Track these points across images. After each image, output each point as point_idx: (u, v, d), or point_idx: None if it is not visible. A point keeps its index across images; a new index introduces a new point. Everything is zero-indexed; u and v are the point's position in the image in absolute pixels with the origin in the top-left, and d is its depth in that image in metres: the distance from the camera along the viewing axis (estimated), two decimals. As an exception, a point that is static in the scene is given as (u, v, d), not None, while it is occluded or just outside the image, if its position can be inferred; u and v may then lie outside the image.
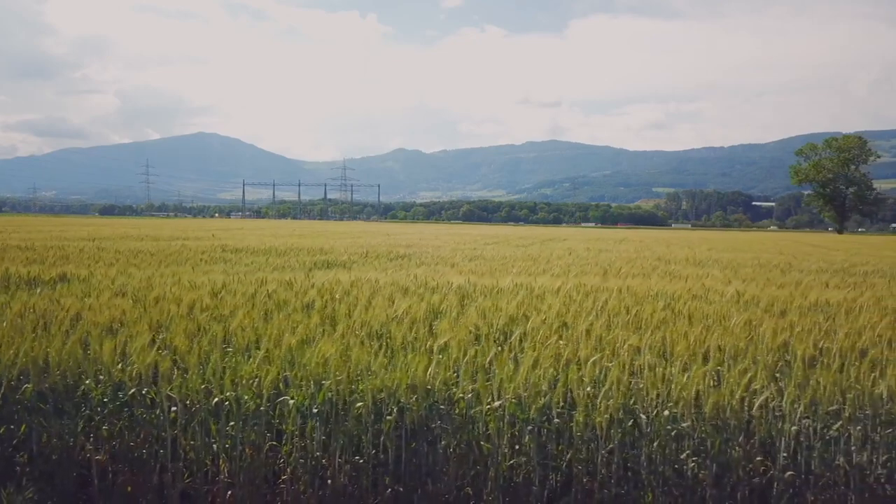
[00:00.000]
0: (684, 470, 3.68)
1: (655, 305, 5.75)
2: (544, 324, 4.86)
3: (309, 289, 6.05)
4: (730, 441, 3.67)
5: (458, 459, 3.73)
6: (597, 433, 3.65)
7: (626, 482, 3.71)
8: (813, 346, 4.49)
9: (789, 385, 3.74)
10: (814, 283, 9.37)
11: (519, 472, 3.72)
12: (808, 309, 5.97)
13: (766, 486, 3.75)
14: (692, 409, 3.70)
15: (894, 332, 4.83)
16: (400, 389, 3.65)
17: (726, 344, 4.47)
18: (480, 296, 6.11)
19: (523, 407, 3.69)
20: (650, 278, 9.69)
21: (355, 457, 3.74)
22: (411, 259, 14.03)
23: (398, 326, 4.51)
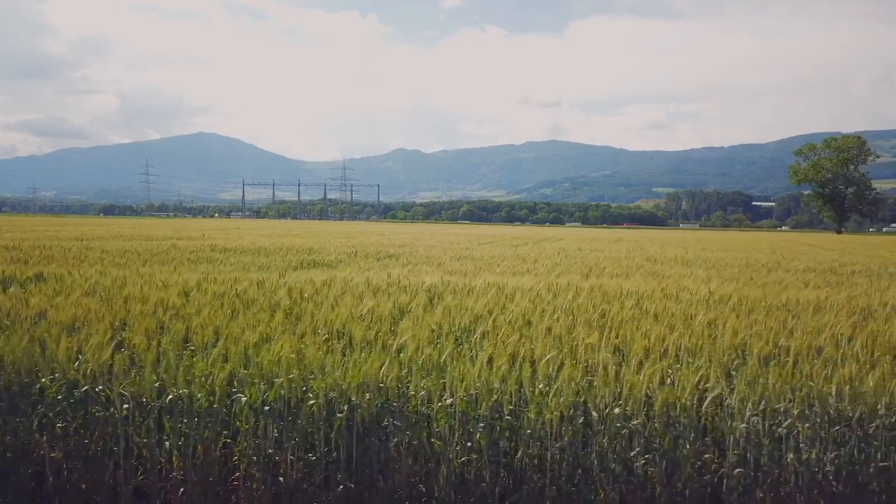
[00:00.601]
0: (634, 467, 3.71)
1: (624, 304, 5.78)
2: (508, 322, 4.89)
3: (280, 288, 6.08)
4: (680, 439, 3.69)
5: (410, 456, 3.76)
6: (547, 430, 3.67)
7: (577, 479, 3.73)
8: (772, 345, 4.52)
9: (740, 383, 3.77)
10: (794, 283, 9.39)
11: (471, 469, 3.74)
12: (776, 308, 5.99)
13: (717, 483, 3.78)
14: (643, 407, 3.73)
15: (855, 331, 4.86)
16: (350, 387, 3.67)
17: (685, 342, 4.49)
18: (451, 295, 6.14)
19: (474, 404, 3.72)
20: (631, 278, 9.72)
21: (308, 454, 3.76)
22: (398, 259, 14.05)
23: (359, 325, 4.54)
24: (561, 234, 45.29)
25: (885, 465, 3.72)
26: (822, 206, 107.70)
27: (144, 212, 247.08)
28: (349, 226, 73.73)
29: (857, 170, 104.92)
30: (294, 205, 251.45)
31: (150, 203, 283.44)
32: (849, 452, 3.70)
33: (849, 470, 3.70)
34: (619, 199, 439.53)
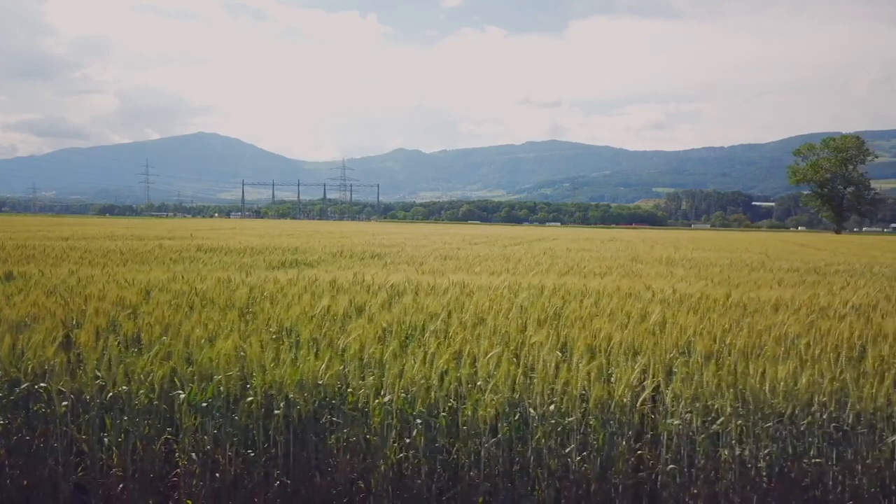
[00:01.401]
0: (570, 464, 3.74)
1: (583, 303, 5.81)
2: (460, 321, 4.92)
3: (241, 286, 6.12)
4: (615, 435, 3.73)
5: (349, 453, 3.79)
6: (481, 427, 3.71)
7: (513, 476, 3.77)
8: (718, 342, 4.55)
9: (675, 381, 3.80)
10: (768, 282, 9.43)
11: (408, 466, 3.78)
12: (735, 306, 6.02)
13: (653, 480, 3.82)
14: (579, 404, 3.76)
15: (804, 328, 4.89)
16: (287, 385, 3.71)
17: (632, 340, 4.53)
18: (413, 294, 6.17)
19: (411, 401, 3.76)
20: (606, 277, 9.74)
21: (247, 450, 3.80)
22: (382, 259, 14.09)
23: (307, 324, 4.57)
24: (556, 235, 45.33)
25: (818, 462, 3.76)
26: (820, 206, 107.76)
27: (144, 212, 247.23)
28: (346, 226, 73.79)
29: (856, 170, 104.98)
30: (294, 205, 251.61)
31: (150, 203, 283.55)
32: (782, 449, 3.73)
33: (781, 466, 3.73)
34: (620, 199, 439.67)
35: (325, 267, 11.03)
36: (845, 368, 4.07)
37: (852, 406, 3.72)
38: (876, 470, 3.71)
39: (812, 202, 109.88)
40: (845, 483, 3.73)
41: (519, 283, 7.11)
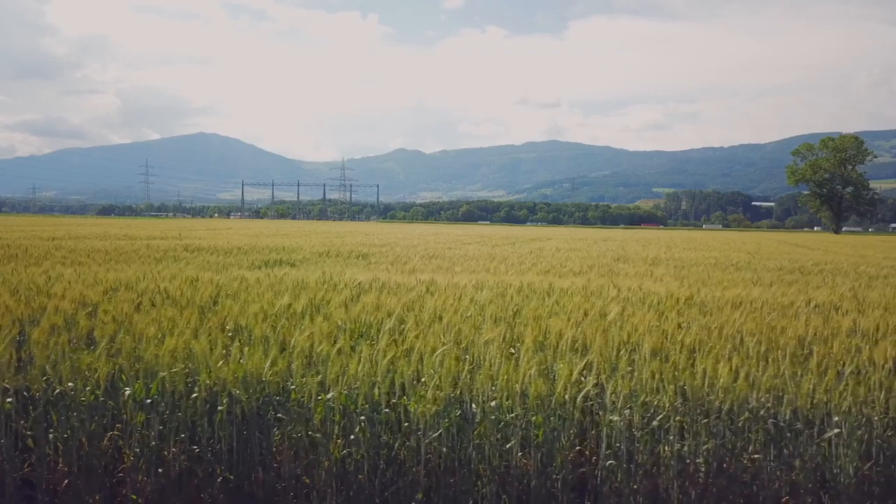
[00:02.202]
0: (510, 459, 3.78)
1: (545, 301, 5.85)
2: (416, 319, 4.96)
3: (208, 285, 6.16)
4: (555, 431, 3.77)
5: (292, 449, 3.83)
6: (421, 424, 3.75)
7: (455, 471, 3.81)
8: (670, 340, 4.59)
9: (615, 377, 3.84)
10: (743, 281, 9.47)
11: (351, 462, 3.82)
12: (696, 305, 6.07)
13: (594, 475, 3.86)
14: (520, 400, 3.80)
15: (759, 327, 4.93)
16: (230, 381, 3.75)
17: (583, 337, 4.57)
18: (377, 292, 6.21)
19: (353, 398, 3.80)
20: (581, 276, 9.79)
21: (193, 446, 3.84)
22: (367, 258, 14.13)
23: (262, 322, 4.61)
24: (552, 235, 45.38)
25: (756, 458, 3.80)
26: (819, 206, 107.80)
27: (144, 212, 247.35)
28: (344, 226, 73.82)
29: (855, 170, 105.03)
30: (293, 205, 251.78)
31: (150, 203, 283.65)
32: (721, 445, 3.77)
33: (720, 462, 3.78)
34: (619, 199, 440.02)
35: (306, 266, 11.07)
36: (789, 366, 4.12)
37: (789, 402, 3.76)
38: (814, 466, 3.76)
39: (811, 202, 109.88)
40: (783, 478, 3.77)
41: (488, 282, 7.15)
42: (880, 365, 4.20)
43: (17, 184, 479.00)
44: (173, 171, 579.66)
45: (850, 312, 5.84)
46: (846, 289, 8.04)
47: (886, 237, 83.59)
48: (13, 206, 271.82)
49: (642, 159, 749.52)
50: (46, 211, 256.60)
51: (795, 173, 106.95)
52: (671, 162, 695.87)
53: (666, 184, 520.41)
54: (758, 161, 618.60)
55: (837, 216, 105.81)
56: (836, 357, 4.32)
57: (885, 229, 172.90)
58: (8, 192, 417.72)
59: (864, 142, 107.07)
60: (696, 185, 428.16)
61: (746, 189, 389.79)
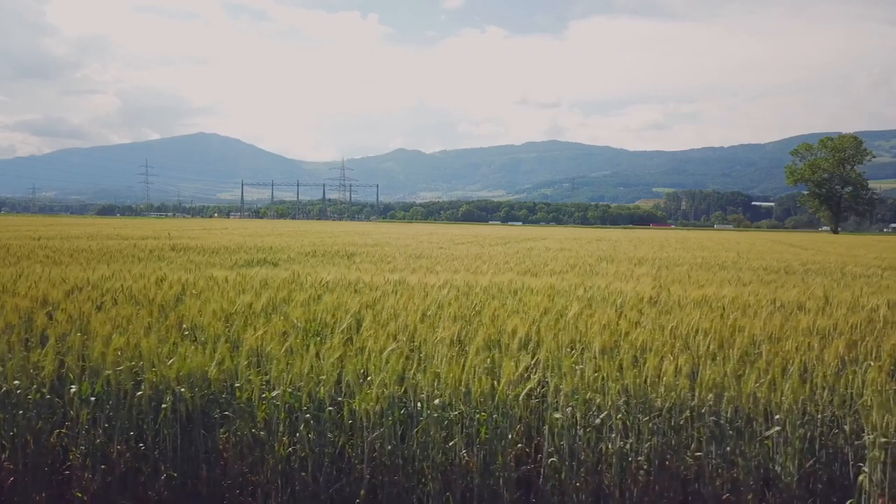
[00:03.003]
0: (454, 457, 3.80)
1: (507, 300, 5.87)
2: (374, 318, 4.98)
3: (176, 284, 6.18)
4: (499, 429, 3.79)
5: (238, 447, 3.85)
6: (363, 421, 3.76)
7: (400, 469, 3.82)
8: (623, 338, 4.61)
9: (556, 374, 3.86)
10: (719, 280, 9.48)
11: (295, 459, 3.84)
12: (657, 303, 6.09)
13: (537, 473, 3.88)
14: (463, 398, 3.82)
15: (713, 325, 4.94)
16: (172, 379, 3.77)
17: (536, 336, 4.59)
18: (342, 290, 6.23)
19: (298, 396, 3.81)
20: (562, 275, 9.82)
21: (138, 444, 3.86)
22: (353, 258, 14.14)
23: (217, 321, 4.63)
24: (548, 235, 45.38)
25: (699, 455, 3.82)
26: (818, 206, 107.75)
27: (144, 212, 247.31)
28: (341, 226, 73.82)
29: (854, 170, 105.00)
30: (293, 205, 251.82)
31: (150, 203, 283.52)
32: (663, 442, 3.79)
33: (663, 459, 3.79)
34: (619, 199, 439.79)
35: (287, 266, 11.08)
36: (737, 364, 4.14)
37: (730, 400, 3.78)
38: (756, 464, 3.77)
39: (809, 202, 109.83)
40: (725, 476, 3.79)
41: (457, 281, 7.16)
42: (829, 363, 4.22)
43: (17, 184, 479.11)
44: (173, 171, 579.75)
45: (813, 312, 5.85)
46: (819, 288, 8.06)
47: (884, 237, 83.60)
48: (13, 206, 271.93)
49: (642, 159, 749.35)
50: (46, 211, 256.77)
51: (794, 173, 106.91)
52: (671, 162, 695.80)
53: (666, 184, 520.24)
54: (758, 161, 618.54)
55: (836, 216, 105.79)
56: (786, 355, 4.33)
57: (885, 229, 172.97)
58: (8, 192, 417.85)
59: (863, 142, 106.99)
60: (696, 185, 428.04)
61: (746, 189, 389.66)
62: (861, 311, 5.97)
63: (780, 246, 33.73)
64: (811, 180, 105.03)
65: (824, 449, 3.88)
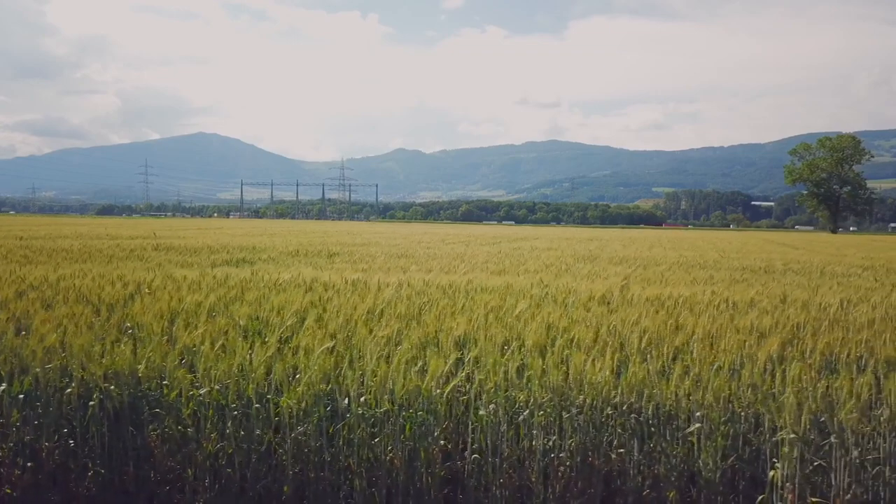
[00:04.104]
0: (379, 454, 3.84)
1: (456, 300, 5.92)
2: (317, 317, 5.02)
3: (131, 284, 6.23)
4: (422, 425, 3.83)
5: (167, 444, 3.89)
6: (289, 418, 3.81)
7: (326, 466, 3.86)
8: (561, 335, 4.64)
9: (480, 372, 3.90)
10: (689, 280, 9.52)
11: (223, 455, 3.88)
12: (607, 302, 6.14)
13: (463, 469, 3.91)
14: (389, 395, 3.86)
15: (655, 324, 4.98)
16: (99, 377, 3.81)
17: (473, 334, 4.63)
18: (294, 289, 6.28)
19: (226, 394, 3.86)
20: (536, 274, 9.86)
21: (69, 441, 3.90)
22: (334, 257, 14.20)
23: (160, 319, 4.68)
24: (541, 234, 45.42)
25: (621, 452, 3.85)
26: (816, 206, 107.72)
27: (143, 212, 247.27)
28: (338, 225, 73.84)
29: (852, 169, 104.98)
30: (293, 205, 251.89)
31: (150, 203, 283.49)
32: (585, 440, 3.83)
33: (585, 456, 3.83)
34: (619, 199, 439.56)
35: (262, 265, 11.13)
36: (666, 362, 4.18)
37: (649, 398, 3.82)
38: (678, 460, 3.81)
39: (808, 202, 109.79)
40: (647, 472, 3.83)
41: (414, 280, 7.21)
42: (760, 361, 4.26)
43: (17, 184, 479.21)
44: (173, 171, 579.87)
45: (760, 311, 5.89)
46: (780, 288, 8.10)
47: (881, 237, 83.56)
48: (13, 206, 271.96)
49: (642, 159, 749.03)
50: (46, 211, 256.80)
51: (793, 173, 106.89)
52: (671, 162, 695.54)
53: (666, 183, 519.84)
54: (758, 161, 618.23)
55: (834, 216, 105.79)
56: (718, 354, 4.37)
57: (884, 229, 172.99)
58: (8, 192, 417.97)
59: (862, 141, 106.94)
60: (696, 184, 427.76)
61: (746, 189, 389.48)
62: (811, 310, 6.01)
63: (772, 245, 33.77)
64: (810, 180, 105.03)
65: (747, 446, 3.91)
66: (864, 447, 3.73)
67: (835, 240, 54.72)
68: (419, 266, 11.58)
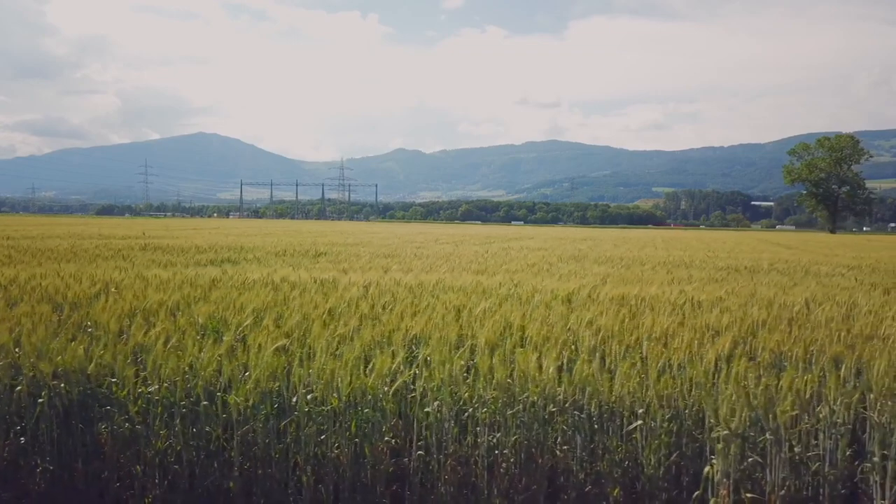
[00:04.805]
0: (326, 450, 3.88)
1: (422, 299, 5.96)
2: (277, 316, 5.06)
3: (98, 282, 6.27)
4: (369, 422, 3.87)
5: (116, 440, 3.93)
6: (237, 415, 3.85)
7: (273, 462, 3.90)
8: (516, 333, 4.69)
9: (425, 369, 3.94)
10: (666, 280, 9.56)
11: (172, 452, 3.92)
12: (568, 302, 6.19)
13: (407, 465, 3.95)
14: (335, 392, 3.90)
15: (610, 322, 5.02)
16: (48, 375, 3.85)
17: (428, 332, 4.67)
18: (260, 288, 6.32)
19: (174, 391, 3.90)
20: (517, 274, 9.91)
21: (20, 438, 3.94)
22: (319, 257, 14.23)
23: (115, 318, 4.72)
24: (536, 234, 45.47)
25: (565, 449, 3.89)
26: (815, 205, 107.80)
27: (143, 212, 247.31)
28: (335, 225, 73.89)
29: (851, 169, 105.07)
30: (292, 205, 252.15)
31: (149, 203, 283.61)
32: (529, 437, 3.87)
33: (529, 453, 3.87)
34: (619, 198, 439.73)
35: (246, 265, 11.16)
36: (614, 360, 4.22)
37: (591, 395, 3.86)
38: (620, 457, 3.85)
39: (807, 202, 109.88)
40: (589, 469, 3.87)
41: (382, 280, 7.25)
42: (709, 359, 4.30)
43: (17, 184, 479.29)
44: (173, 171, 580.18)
45: (725, 309, 5.93)
46: (749, 287, 8.14)
47: (878, 236, 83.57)
48: (13, 206, 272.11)
49: (642, 159, 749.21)
50: (46, 211, 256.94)
51: (791, 173, 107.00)
52: (671, 162, 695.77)
53: (666, 183, 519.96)
54: (758, 161, 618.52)
55: (833, 216, 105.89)
56: (669, 352, 4.41)
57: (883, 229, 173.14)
58: (8, 192, 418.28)
59: (860, 141, 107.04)
60: (696, 184, 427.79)
61: (746, 189, 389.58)
62: (774, 309, 6.05)
63: (765, 245, 33.80)
64: (808, 180, 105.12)
65: (693, 443, 3.95)
66: (805, 444, 3.78)
67: (831, 239, 54.75)
68: (401, 266, 11.61)
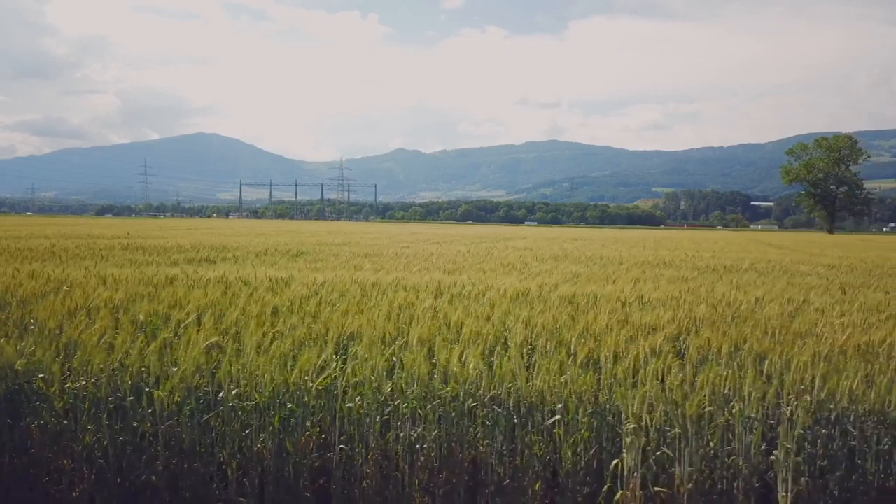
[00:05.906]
0: (251, 445, 3.94)
1: (380, 300, 6.03)
2: (219, 314, 5.12)
3: (53, 281, 6.34)
4: (291, 417, 3.93)
5: (44, 435, 3.99)
6: (161, 409, 3.91)
7: (198, 456, 3.97)
8: (452, 329, 4.75)
9: (348, 365, 4.00)
10: (630, 279, 9.62)
11: (99, 447, 3.98)
12: (522, 299, 6.25)
13: (331, 460, 4.01)
14: (258, 388, 3.96)
15: (549, 320, 5.08)
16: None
17: (364, 329, 4.73)
18: (212, 287, 6.39)
19: (99, 386, 3.96)
20: (490, 273, 10.00)
21: (-49, 433, 4.01)
22: (298, 257, 14.29)
23: (55, 315, 4.78)
24: (528, 234, 45.51)
25: (486, 444, 3.95)
26: (813, 205, 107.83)
27: (142, 212, 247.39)
28: (332, 225, 73.94)
29: (849, 169, 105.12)
30: (292, 205, 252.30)
31: (149, 203, 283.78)
32: (449, 431, 3.93)
33: (450, 448, 3.93)
34: (619, 199, 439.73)
35: (222, 264, 11.22)
36: (539, 357, 4.28)
37: (510, 391, 3.92)
38: (539, 451, 3.91)
39: (805, 202, 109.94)
40: (508, 464, 3.93)
41: (340, 279, 7.31)
42: (639, 355, 4.36)
43: (17, 184, 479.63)
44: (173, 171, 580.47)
45: (670, 307, 5.99)
46: (707, 286, 8.21)
47: (873, 237, 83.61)
48: (13, 206, 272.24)
49: (642, 159, 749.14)
50: (45, 211, 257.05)
51: (790, 173, 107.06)
52: (671, 162, 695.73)
53: (666, 183, 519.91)
54: (757, 161, 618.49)
55: (832, 216, 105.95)
56: (600, 348, 4.47)
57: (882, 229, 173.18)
58: (8, 192, 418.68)
59: (858, 141, 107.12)
60: (695, 184, 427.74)
61: (746, 189, 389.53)
62: (719, 308, 6.11)
63: (755, 245, 33.84)
64: (807, 180, 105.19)
65: (616, 438, 4.01)
66: (721, 438, 3.84)
67: (824, 239, 54.81)
68: (374, 265, 11.67)
